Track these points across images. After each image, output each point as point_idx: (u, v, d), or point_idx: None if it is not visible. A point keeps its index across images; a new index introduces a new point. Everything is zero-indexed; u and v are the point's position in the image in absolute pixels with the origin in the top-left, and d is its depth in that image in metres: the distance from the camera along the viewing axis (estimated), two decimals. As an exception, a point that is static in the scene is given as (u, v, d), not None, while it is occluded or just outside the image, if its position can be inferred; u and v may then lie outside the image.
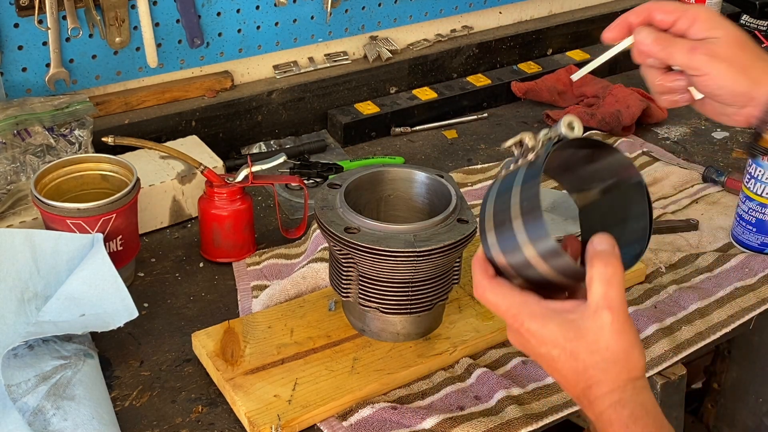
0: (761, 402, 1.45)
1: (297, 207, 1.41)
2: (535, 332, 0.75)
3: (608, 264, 0.72)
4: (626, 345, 0.73)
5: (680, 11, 0.82)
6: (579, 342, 0.74)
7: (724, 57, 0.80)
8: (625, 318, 0.73)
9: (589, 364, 0.74)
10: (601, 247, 0.74)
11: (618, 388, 0.73)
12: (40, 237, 1.09)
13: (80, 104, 1.32)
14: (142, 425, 1.00)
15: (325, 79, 1.60)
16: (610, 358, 0.73)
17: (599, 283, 0.73)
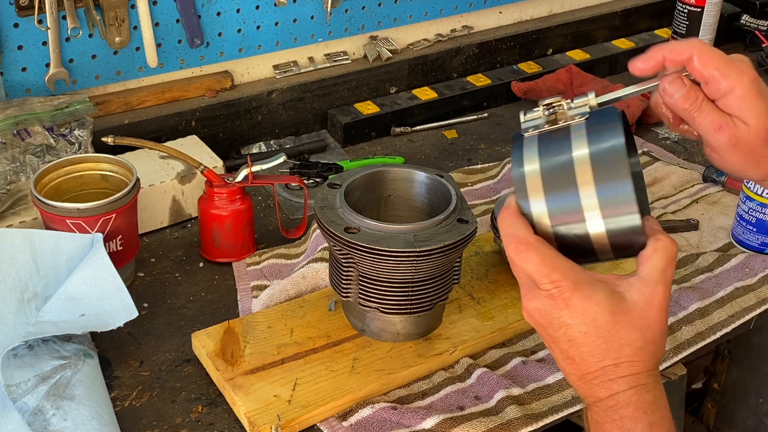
0: (761, 402, 1.45)
1: (297, 207, 1.41)
2: (575, 303, 0.70)
3: (672, 242, 0.71)
4: (665, 328, 0.71)
5: (721, 71, 0.74)
6: (624, 316, 0.70)
7: (745, 148, 0.75)
8: (668, 296, 0.72)
9: (627, 340, 0.70)
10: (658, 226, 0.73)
11: (646, 371, 0.71)
12: (40, 237, 1.09)
13: (80, 104, 1.32)
14: (142, 425, 1.00)
15: (325, 79, 1.60)
16: (650, 337, 0.70)
17: (662, 258, 0.71)
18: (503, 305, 1.16)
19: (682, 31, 1.85)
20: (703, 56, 0.75)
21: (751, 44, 1.98)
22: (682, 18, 1.85)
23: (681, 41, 0.78)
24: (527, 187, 0.73)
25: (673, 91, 0.76)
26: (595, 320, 0.70)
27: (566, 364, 0.74)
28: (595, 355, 0.71)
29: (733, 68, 0.75)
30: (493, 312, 1.14)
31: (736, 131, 0.75)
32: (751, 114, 0.75)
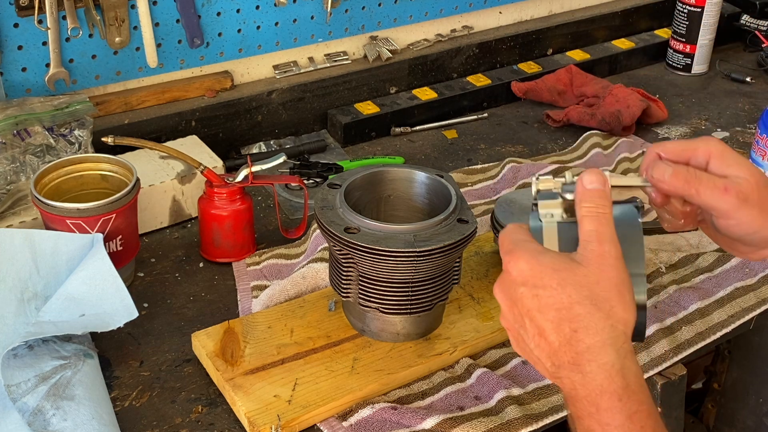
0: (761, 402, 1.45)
1: (297, 207, 1.41)
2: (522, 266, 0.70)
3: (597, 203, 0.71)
4: (618, 283, 0.68)
5: (690, 149, 0.76)
6: (567, 272, 0.68)
7: (754, 202, 0.74)
8: (618, 255, 0.69)
9: (575, 299, 0.67)
10: (591, 186, 0.72)
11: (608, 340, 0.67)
12: (40, 237, 1.09)
13: (80, 104, 1.32)
14: (141, 425, 1.00)
15: (325, 79, 1.60)
16: (602, 295, 0.67)
17: (589, 220, 0.70)
18: (503, 305, 1.16)
19: (682, 31, 1.85)
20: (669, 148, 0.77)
21: (751, 44, 1.98)
22: (682, 18, 1.85)
23: (645, 155, 0.79)
24: None
25: (660, 173, 0.76)
26: (541, 279, 0.69)
27: (535, 345, 0.71)
28: (550, 320, 0.68)
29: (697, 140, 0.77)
30: (493, 312, 1.14)
31: (740, 187, 0.74)
32: (741, 166, 0.76)
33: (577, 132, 1.63)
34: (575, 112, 1.64)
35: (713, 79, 1.88)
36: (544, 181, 0.77)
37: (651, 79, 1.88)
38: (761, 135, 1.26)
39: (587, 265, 0.69)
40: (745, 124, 1.70)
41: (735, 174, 0.75)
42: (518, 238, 0.73)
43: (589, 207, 0.71)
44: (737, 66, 1.92)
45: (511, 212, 1.19)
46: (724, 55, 1.96)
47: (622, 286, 0.68)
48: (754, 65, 1.93)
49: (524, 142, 1.62)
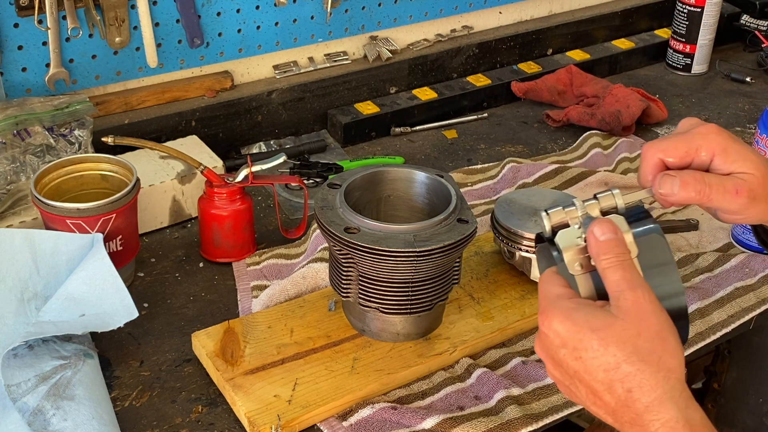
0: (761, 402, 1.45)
1: (297, 207, 1.41)
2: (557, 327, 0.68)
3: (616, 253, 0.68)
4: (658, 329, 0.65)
5: (692, 149, 0.74)
6: (606, 331, 0.66)
7: (762, 196, 0.73)
8: (652, 299, 0.67)
9: (621, 358, 0.65)
10: (604, 237, 0.69)
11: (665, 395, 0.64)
12: (40, 237, 1.09)
13: (80, 104, 1.32)
14: (142, 425, 1.00)
15: (325, 79, 1.60)
16: (646, 347, 0.65)
17: (613, 271, 0.68)
18: (503, 305, 1.16)
19: (682, 31, 1.85)
20: (669, 148, 0.75)
21: (750, 44, 1.98)
22: (682, 18, 1.85)
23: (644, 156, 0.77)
24: None
25: (668, 189, 0.74)
26: (581, 341, 0.66)
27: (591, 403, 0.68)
28: (600, 381, 0.66)
29: (696, 137, 0.75)
30: (493, 312, 1.14)
31: (749, 185, 0.73)
32: (746, 161, 0.74)
33: (577, 132, 1.63)
34: (575, 112, 1.64)
35: (713, 79, 1.88)
36: (555, 214, 0.74)
37: (651, 79, 1.88)
38: (761, 135, 1.26)
39: (624, 317, 0.66)
40: (745, 124, 1.70)
41: (741, 170, 0.74)
42: (552, 293, 0.71)
43: (609, 259, 0.69)
44: (737, 66, 1.92)
45: (511, 212, 1.19)
46: (724, 55, 1.96)
47: (665, 332, 0.66)
48: (754, 65, 1.93)
49: (524, 142, 1.62)
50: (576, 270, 0.72)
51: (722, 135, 0.75)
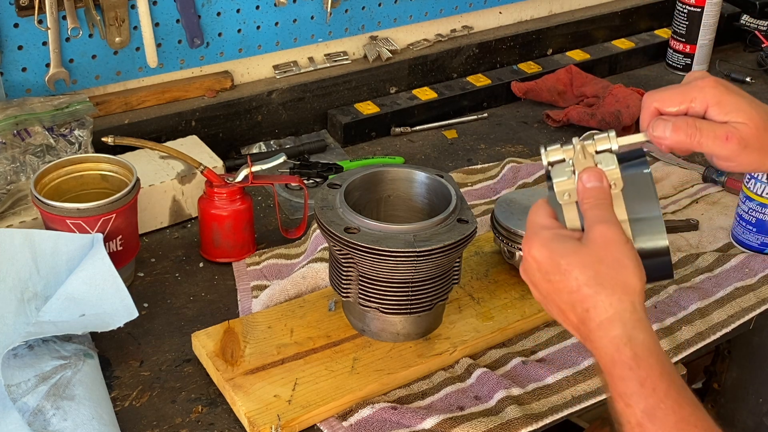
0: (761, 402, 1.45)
1: (297, 207, 1.41)
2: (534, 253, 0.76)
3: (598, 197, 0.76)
4: (619, 256, 0.72)
5: (687, 98, 0.78)
6: (571, 257, 0.74)
7: (755, 144, 0.76)
8: (618, 231, 0.74)
9: (582, 281, 0.73)
10: (590, 184, 0.76)
11: (615, 315, 0.71)
12: (40, 237, 1.09)
13: (80, 104, 1.32)
14: (142, 425, 1.00)
15: (325, 79, 1.60)
16: (606, 273, 0.72)
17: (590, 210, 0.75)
18: (503, 305, 1.16)
19: (682, 31, 1.85)
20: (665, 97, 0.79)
21: (750, 44, 1.98)
22: (682, 18, 1.85)
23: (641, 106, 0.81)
24: None
25: (661, 131, 0.77)
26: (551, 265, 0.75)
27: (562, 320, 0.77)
28: (565, 302, 0.74)
29: (693, 89, 0.78)
30: (493, 312, 1.14)
31: (740, 134, 0.76)
32: (740, 111, 0.77)
33: (577, 132, 1.63)
34: (575, 112, 1.64)
35: (713, 79, 1.88)
36: (552, 151, 0.81)
37: (651, 79, 1.88)
38: (761, 135, 1.26)
39: (590, 246, 0.74)
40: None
41: (735, 120, 0.77)
42: (536, 223, 0.79)
43: (590, 202, 0.76)
44: (737, 66, 1.92)
45: (511, 212, 1.19)
46: (724, 55, 1.96)
47: (626, 260, 0.73)
48: (754, 65, 1.93)
49: (524, 142, 1.62)
50: (564, 200, 0.80)
51: (718, 88, 0.78)
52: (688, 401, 0.69)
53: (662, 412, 0.68)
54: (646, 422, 0.68)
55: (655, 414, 0.68)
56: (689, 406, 0.68)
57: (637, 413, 0.69)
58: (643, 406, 0.68)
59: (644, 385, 0.69)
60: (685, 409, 0.68)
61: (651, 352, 0.70)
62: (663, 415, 0.68)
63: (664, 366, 0.70)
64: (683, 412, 0.68)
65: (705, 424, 0.68)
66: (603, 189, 0.77)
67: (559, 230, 0.77)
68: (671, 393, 0.68)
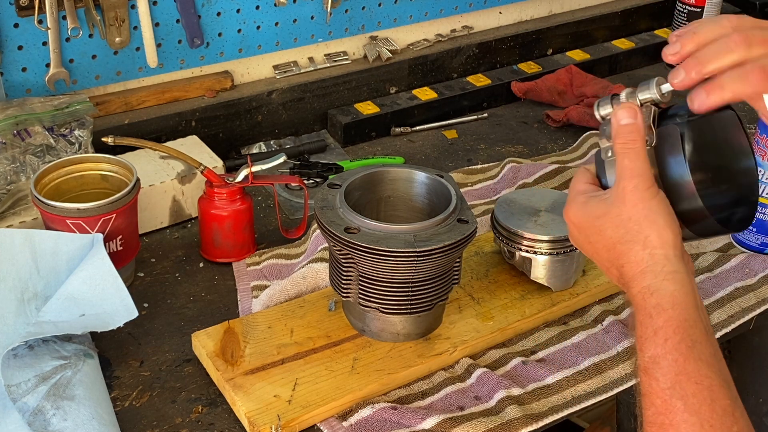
0: (761, 402, 1.45)
1: (297, 207, 1.41)
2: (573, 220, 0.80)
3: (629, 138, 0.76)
4: (648, 213, 0.74)
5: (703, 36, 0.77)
6: (604, 219, 0.77)
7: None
8: (647, 186, 0.75)
9: (615, 239, 0.76)
10: (624, 121, 0.77)
11: (647, 268, 0.74)
12: (40, 237, 1.09)
13: (80, 104, 1.32)
14: (142, 425, 1.00)
15: (325, 79, 1.60)
16: (634, 228, 0.75)
17: (621, 157, 0.76)
18: (503, 305, 1.16)
19: (682, 31, 1.85)
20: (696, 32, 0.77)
21: (751, 44, 1.98)
22: (682, 18, 1.85)
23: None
24: None
25: None
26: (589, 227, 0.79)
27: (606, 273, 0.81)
28: (605, 259, 0.78)
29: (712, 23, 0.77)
30: (493, 312, 1.14)
31: None
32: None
33: (577, 132, 1.63)
34: (575, 112, 1.64)
35: (713, 79, 1.88)
36: (603, 105, 0.82)
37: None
38: (761, 135, 1.26)
39: (620, 204, 0.76)
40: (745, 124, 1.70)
41: None
42: (575, 189, 0.83)
43: (621, 143, 0.77)
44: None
45: (511, 212, 1.19)
46: (724, 55, 1.95)
47: (654, 215, 0.75)
48: (754, 65, 1.93)
49: (524, 142, 1.62)
50: (607, 157, 0.81)
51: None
52: (696, 357, 0.70)
53: (666, 362, 0.70)
54: (650, 367, 0.71)
55: (660, 363, 0.70)
56: (696, 362, 0.70)
57: (645, 358, 0.72)
58: (651, 353, 0.71)
59: (657, 334, 0.71)
60: (690, 364, 0.70)
61: (675, 304, 0.72)
62: (666, 365, 0.70)
63: (686, 320, 0.71)
64: (687, 366, 0.70)
65: (708, 381, 0.69)
66: (636, 126, 0.77)
67: (594, 193, 0.81)
68: (681, 347, 0.70)
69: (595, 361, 1.09)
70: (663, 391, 0.70)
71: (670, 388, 0.69)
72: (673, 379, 0.69)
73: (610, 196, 0.78)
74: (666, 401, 0.69)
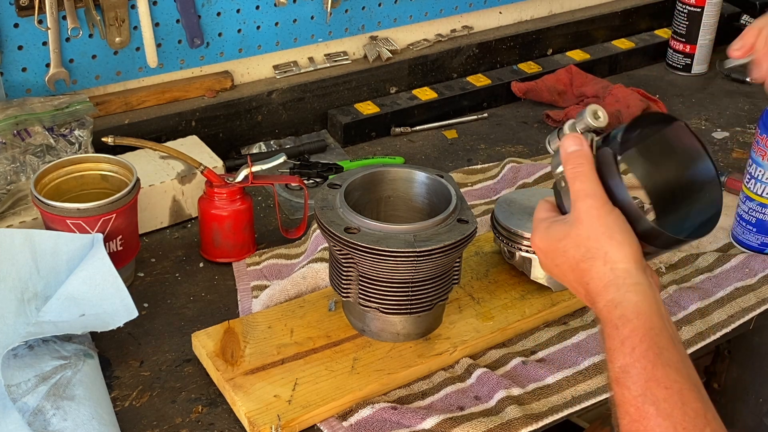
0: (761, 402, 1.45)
1: (297, 207, 1.41)
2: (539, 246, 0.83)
3: (577, 163, 0.80)
4: (605, 229, 0.77)
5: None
6: (566, 240, 0.80)
7: None
8: (600, 204, 0.78)
9: (578, 258, 0.79)
10: (571, 148, 0.81)
11: (609, 282, 0.76)
12: (40, 237, 1.09)
13: (80, 104, 1.32)
14: (142, 425, 1.00)
15: (325, 79, 1.60)
16: (593, 246, 0.78)
17: (572, 181, 0.80)
18: (503, 305, 1.16)
19: (682, 31, 1.85)
20: None
21: (751, 44, 1.98)
22: (682, 18, 1.85)
23: None
24: None
25: None
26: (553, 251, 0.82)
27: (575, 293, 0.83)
28: (572, 279, 0.81)
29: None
30: (493, 312, 1.14)
31: None
32: None
33: (577, 132, 1.63)
34: (575, 112, 1.64)
35: (713, 79, 1.88)
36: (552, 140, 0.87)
37: (651, 79, 1.88)
38: (761, 135, 1.26)
39: (578, 225, 0.79)
40: (745, 124, 1.70)
41: None
42: (537, 218, 0.86)
43: (571, 169, 0.81)
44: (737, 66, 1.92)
45: (511, 212, 1.19)
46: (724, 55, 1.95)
47: (611, 231, 0.77)
48: (754, 65, 1.93)
49: (524, 142, 1.62)
50: (562, 186, 0.85)
51: None
52: (664, 363, 0.72)
53: (636, 370, 0.72)
54: (621, 377, 0.72)
55: (629, 371, 0.72)
56: (664, 367, 0.71)
57: (615, 369, 0.73)
58: (621, 363, 0.73)
59: (624, 344, 0.73)
60: (659, 370, 0.71)
61: (639, 314, 0.74)
62: (636, 373, 0.71)
63: (651, 329, 0.73)
64: (656, 372, 0.71)
65: (678, 386, 0.71)
66: (582, 152, 0.81)
67: (555, 218, 0.84)
68: (649, 354, 0.72)
69: (595, 361, 1.09)
70: (635, 399, 0.71)
71: (641, 395, 0.71)
72: (643, 386, 0.71)
73: (569, 219, 0.81)
74: (639, 408, 0.71)
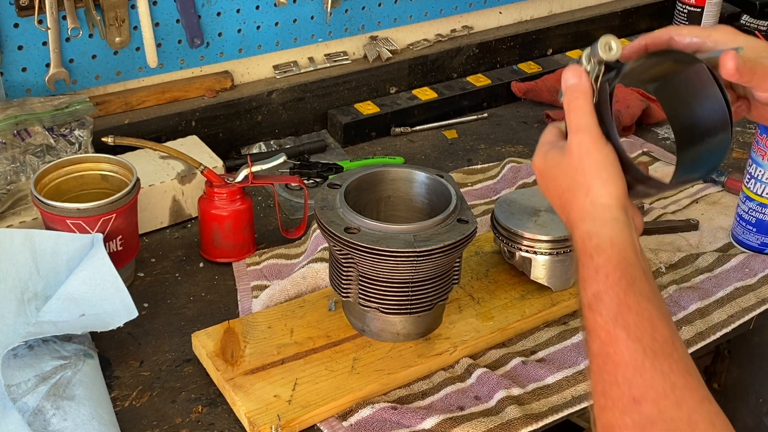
0: (761, 402, 1.45)
1: (297, 207, 1.41)
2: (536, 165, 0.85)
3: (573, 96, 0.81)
4: (592, 165, 0.78)
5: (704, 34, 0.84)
6: (557, 168, 0.82)
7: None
8: (592, 140, 0.79)
9: (564, 187, 0.81)
10: (570, 81, 0.81)
11: (587, 215, 0.78)
12: (40, 237, 1.09)
13: (80, 104, 1.32)
14: (142, 425, 1.00)
15: (325, 79, 1.60)
16: (579, 179, 0.79)
17: (568, 113, 0.81)
18: (503, 305, 1.16)
19: (682, 31, 1.85)
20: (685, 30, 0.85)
21: (751, 44, 1.98)
22: (682, 18, 1.85)
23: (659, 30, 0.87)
24: None
25: None
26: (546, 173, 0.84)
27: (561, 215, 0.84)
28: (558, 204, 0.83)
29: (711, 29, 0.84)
30: (493, 312, 1.14)
31: None
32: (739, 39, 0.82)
33: (577, 132, 1.63)
34: (575, 112, 1.64)
35: (713, 79, 1.88)
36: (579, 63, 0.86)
37: (651, 79, 1.88)
38: (761, 135, 1.26)
39: (569, 156, 0.81)
40: (745, 124, 1.70)
41: None
42: (543, 139, 0.87)
43: (567, 101, 0.82)
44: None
45: (511, 212, 1.19)
46: (724, 55, 1.95)
47: (599, 166, 0.79)
48: (754, 65, 1.92)
49: (524, 142, 1.62)
50: None
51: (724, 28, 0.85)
52: (636, 292, 0.73)
53: (608, 297, 0.73)
54: (594, 303, 0.74)
55: (602, 298, 0.74)
56: (635, 296, 0.73)
57: (588, 296, 0.75)
58: (593, 289, 0.75)
59: (598, 272, 0.75)
60: (630, 298, 0.73)
61: (613, 246, 0.76)
62: (608, 299, 0.73)
63: (625, 259, 0.75)
64: (628, 299, 0.73)
65: (648, 313, 0.72)
66: (579, 86, 0.81)
67: (556, 142, 0.85)
68: (621, 283, 0.74)
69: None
70: (606, 323, 0.73)
71: (612, 320, 0.72)
72: (615, 311, 0.73)
73: (564, 147, 0.83)
74: (610, 332, 0.72)
